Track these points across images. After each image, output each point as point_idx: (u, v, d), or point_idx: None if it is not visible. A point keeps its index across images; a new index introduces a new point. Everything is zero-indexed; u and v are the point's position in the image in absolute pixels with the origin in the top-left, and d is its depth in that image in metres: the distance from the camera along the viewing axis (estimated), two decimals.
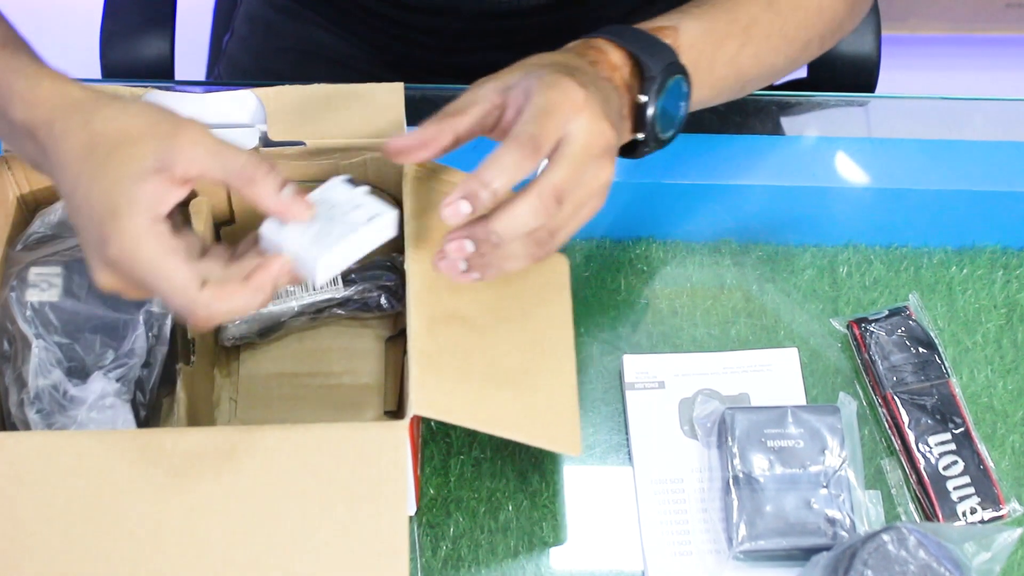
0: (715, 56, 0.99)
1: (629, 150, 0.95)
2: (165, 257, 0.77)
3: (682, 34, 0.96)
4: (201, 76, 1.56)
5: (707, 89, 1.00)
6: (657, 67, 0.91)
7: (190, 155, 0.78)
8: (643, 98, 0.91)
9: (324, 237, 0.81)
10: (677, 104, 0.94)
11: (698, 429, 1.00)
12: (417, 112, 0.92)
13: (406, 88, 0.96)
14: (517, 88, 0.84)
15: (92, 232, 0.78)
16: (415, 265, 0.90)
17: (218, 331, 1.02)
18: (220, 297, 0.79)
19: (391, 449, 0.82)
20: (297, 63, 1.37)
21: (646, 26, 0.96)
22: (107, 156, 0.78)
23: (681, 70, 0.93)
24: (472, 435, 1.01)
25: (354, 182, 0.85)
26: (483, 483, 1.00)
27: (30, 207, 0.98)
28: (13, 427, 0.90)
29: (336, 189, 0.84)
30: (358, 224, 0.83)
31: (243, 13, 1.43)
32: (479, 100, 0.85)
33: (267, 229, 0.82)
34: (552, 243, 0.85)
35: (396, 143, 0.84)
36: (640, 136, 0.93)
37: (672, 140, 0.95)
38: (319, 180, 0.87)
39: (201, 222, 0.96)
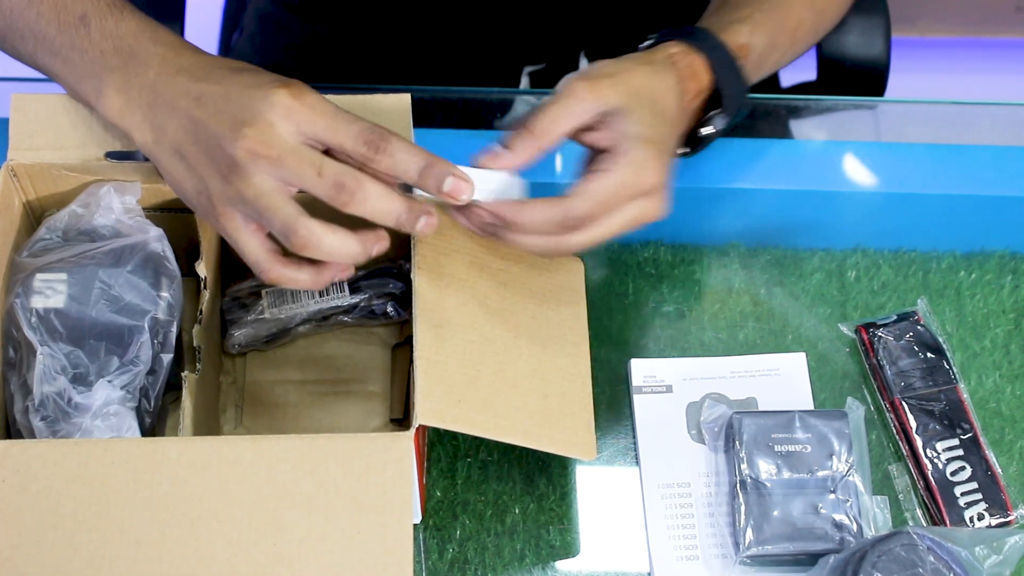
0: (765, 64, 1.05)
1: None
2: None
3: (752, 52, 1.01)
4: None
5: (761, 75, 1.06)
6: (733, 105, 0.99)
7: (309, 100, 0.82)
8: (708, 130, 0.99)
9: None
10: (740, 115, 1.02)
11: (705, 433, 1.00)
12: (425, 115, 0.92)
13: (413, 90, 0.96)
14: (609, 127, 0.88)
15: (263, 84, 0.83)
16: (422, 272, 0.90)
17: (224, 338, 1.02)
18: (332, 230, 0.81)
19: (396, 460, 0.82)
20: (306, 61, 1.37)
21: (731, 41, 1.00)
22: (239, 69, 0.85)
23: (747, 103, 1.01)
24: (479, 438, 1.01)
25: None
26: (490, 486, 1.00)
27: (36, 214, 0.98)
28: (18, 434, 0.90)
29: None
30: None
31: (252, 11, 1.43)
32: (568, 119, 0.87)
33: None
34: (566, 248, 0.88)
35: (486, 162, 0.87)
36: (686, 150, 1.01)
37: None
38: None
39: (206, 229, 0.96)
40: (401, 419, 1.02)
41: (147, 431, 0.92)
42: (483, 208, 0.86)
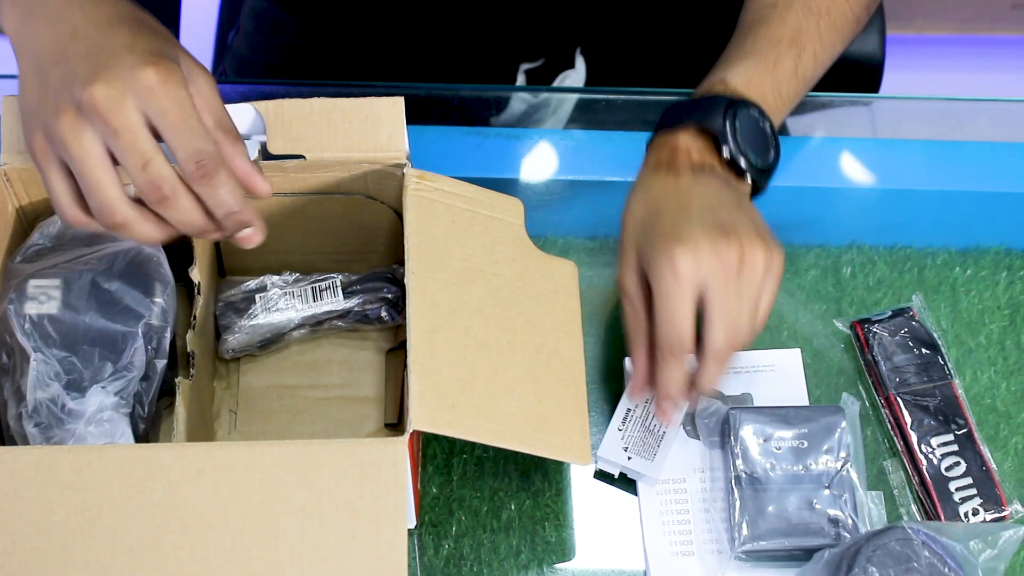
0: (777, 79, 1.02)
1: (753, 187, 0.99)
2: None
3: (731, 79, 0.99)
4: None
5: (786, 106, 1.04)
6: (717, 122, 0.96)
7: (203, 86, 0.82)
8: (725, 151, 0.97)
9: None
10: (758, 128, 0.98)
11: (701, 429, 1.00)
12: (421, 112, 0.92)
13: (409, 87, 0.96)
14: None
15: (127, 56, 0.79)
16: (415, 277, 0.90)
17: (218, 344, 1.02)
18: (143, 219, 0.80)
19: (390, 465, 0.82)
20: (302, 59, 1.37)
21: (699, 91, 1.00)
22: (149, 30, 0.83)
23: (738, 102, 0.97)
24: None
25: None
26: (485, 482, 1.00)
27: (29, 219, 0.98)
28: (12, 441, 0.90)
29: None
30: None
31: (248, 10, 1.43)
32: (640, 316, 0.93)
33: None
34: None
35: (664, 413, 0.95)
36: (748, 179, 0.98)
37: (777, 162, 1.00)
38: (318, 193, 0.87)
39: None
40: (395, 424, 1.02)
41: (141, 437, 0.92)
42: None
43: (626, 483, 0.99)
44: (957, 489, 0.98)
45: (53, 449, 0.85)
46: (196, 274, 0.94)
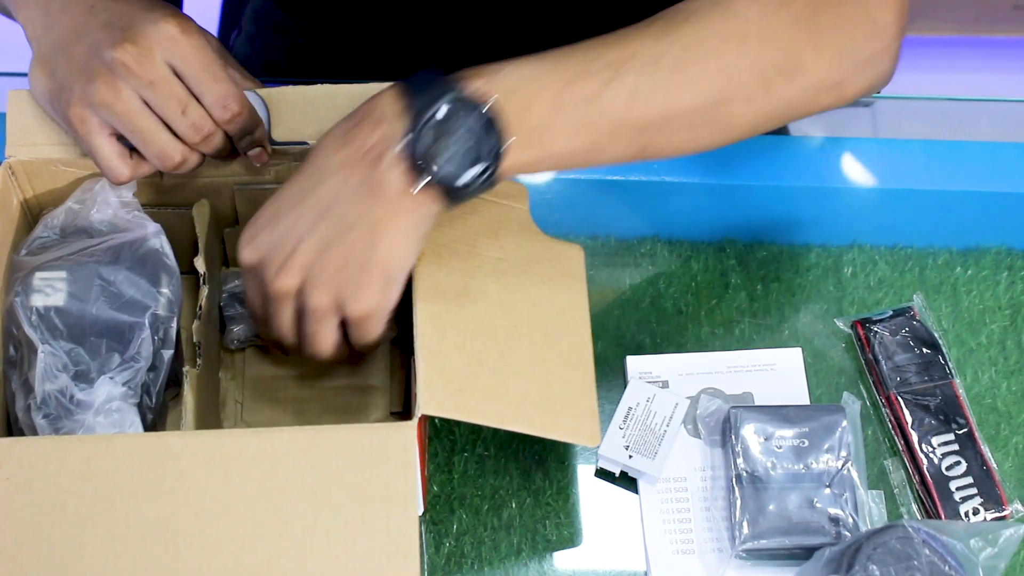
0: (562, 97, 0.84)
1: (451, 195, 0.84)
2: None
3: (501, 79, 0.85)
4: None
5: (566, 138, 0.85)
6: (418, 102, 0.84)
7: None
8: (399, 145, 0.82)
9: None
10: (469, 137, 0.82)
11: (701, 428, 1.00)
12: None
13: None
14: None
15: (141, 16, 0.86)
16: (421, 264, 0.90)
17: (223, 334, 1.02)
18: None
19: (400, 449, 0.82)
20: (305, 60, 1.37)
21: (456, 75, 0.86)
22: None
23: (460, 99, 0.83)
24: (476, 433, 1.01)
25: None
26: (487, 480, 1.00)
27: (34, 212, 0.98)
28: (20, 433, 0.90)
29: None
30: None
31: (250, 11, 1.43)
32: None
33: None
34: None
35: None
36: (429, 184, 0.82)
37: (477, 183, 0.83)
38: None
39: (203, 224, 0.97)
40: (401, 412, 1.02)
41: (149, 427, 0.92)
42: None
43: (627, 481, 1.00)
44: (958, 488, 0.98)
45: (63, 439, 0.85)
46: (201, 264, 0.94)
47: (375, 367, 1.04)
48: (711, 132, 0.89)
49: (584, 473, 1.01)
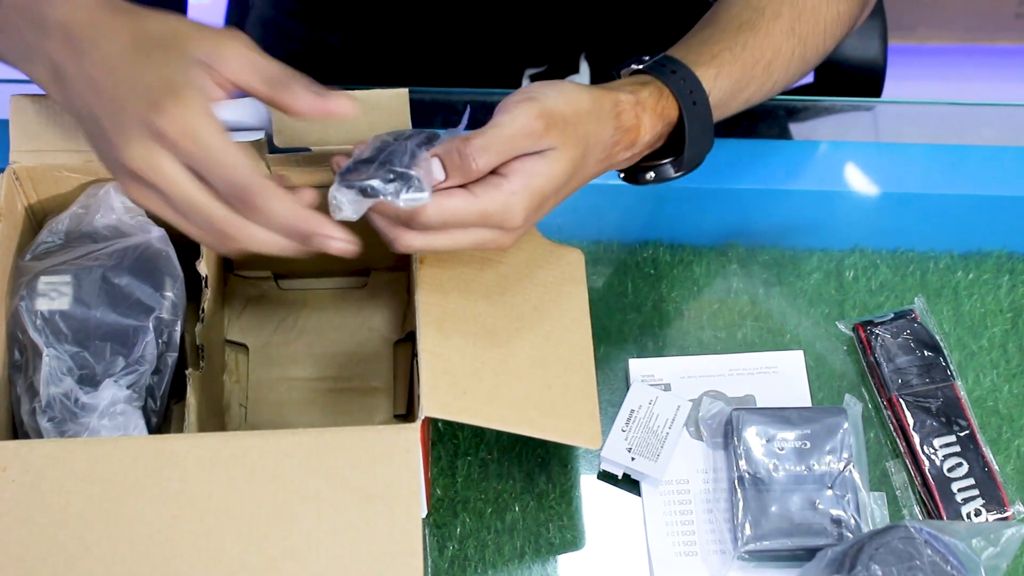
0: (732, 102, 0.99)
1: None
2: (226, 134, 0.78)
3: (715, 91, 0.96)
4: None
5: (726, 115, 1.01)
6: (693, 161, 0.96)
7: (234, 59, 0.79)
8: (650, 176, 0.97)
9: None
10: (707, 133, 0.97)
11: (704, 430, 1.00)
12: (419, 115, 0.93)
13: (411, 91, 0.97)
14: (520, 162, 0.84)
15: (140, 105, 0.77)
16: (423, 267, 0.90)
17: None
18: (281, 195, 0.78)
19: (403, 451, 0.83)
20: (308, 66, 1.37)
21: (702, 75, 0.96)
22: (156, 47, 0.79)
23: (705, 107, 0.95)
24: (479, 436, 1.02)
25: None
26: (490, 484, 1.00)
27: (38, 217, 0.98)
28: (25, 436, 0.90)
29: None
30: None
31: (254, 17, 1.44)
32: (511, 152, 0.84)
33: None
34: (402, 244, 0.85)
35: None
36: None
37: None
38: (324, 186, 0.87)
39: None
40: (404, 415, 1.02)
41: (153, 430, 0.92)
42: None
43: (630, 484, 1.00)
44: (959, 490, 0.98)
45: (69, 442, 0.86)
46: (203, 267, 0.94)
47: (378, 369, 1.04)
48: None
49: (587, 476, 1.01)
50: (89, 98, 0.81)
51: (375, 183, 0.81)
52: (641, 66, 0.96)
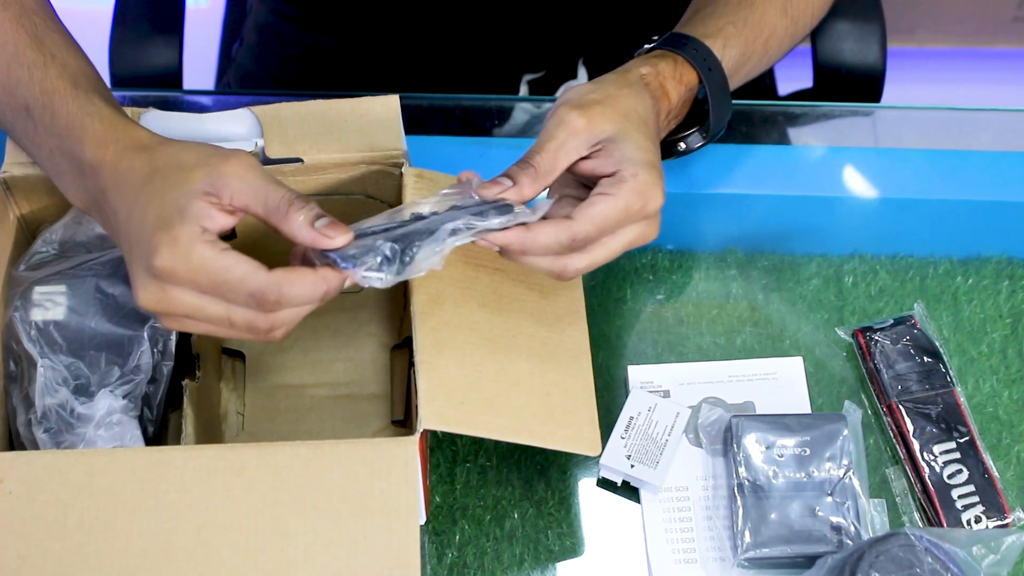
0: (737, 74, 1.04)
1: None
2: (222, 254, 0.79)
3: (725, 61, 1.01)
4: (210, 84, 1.57)
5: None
6: (717, 126, 1.01)
7: (235, 186, 0.80)
8: (682, 147, 1.03)
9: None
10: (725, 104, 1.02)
11: (703, 437, 1.00)
12: (417, 121, 0.93)
13: (404, 98, 0.97)
14: (609, 154, 0.88)
15: (142, 248, 0.79)
16: (419, 277, 0.90)
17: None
18: (290, 279, 0.79)
19: (402, 464, 0.83)
20: (305, 71, 1.37)
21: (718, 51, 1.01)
22: (163, 182, 0.81)
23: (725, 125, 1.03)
24: (478, 443, 1.01)
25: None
26: (489, 491, 1.00)
27: (31, 227, 0.98)
28: (21, 447, 0.90)
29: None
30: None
31: (252, 22, 1.44)
32: (569, 153, 0.88)
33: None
34: (571, 271, 0.87)
35: (493, 195, 0.86)
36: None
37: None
38: (318, 195, 0.87)
39: None
40: (402, 421, 1.02)
41: (150, 440, 0.92)
42: (493, 239, 0.85)
43: (629, 491, 1.00)
44: (959, 497, 0.98)
45: (66, 453, 0.85)
46: None
47: (375, 375, 1.04)
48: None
49: (586, 483, 1.01)
50: (115, 233, 0.84)
51: (477, 220, 0.84)
52: (650, 46, 1.01)
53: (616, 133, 0.88)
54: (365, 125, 0.95)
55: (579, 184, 0.91)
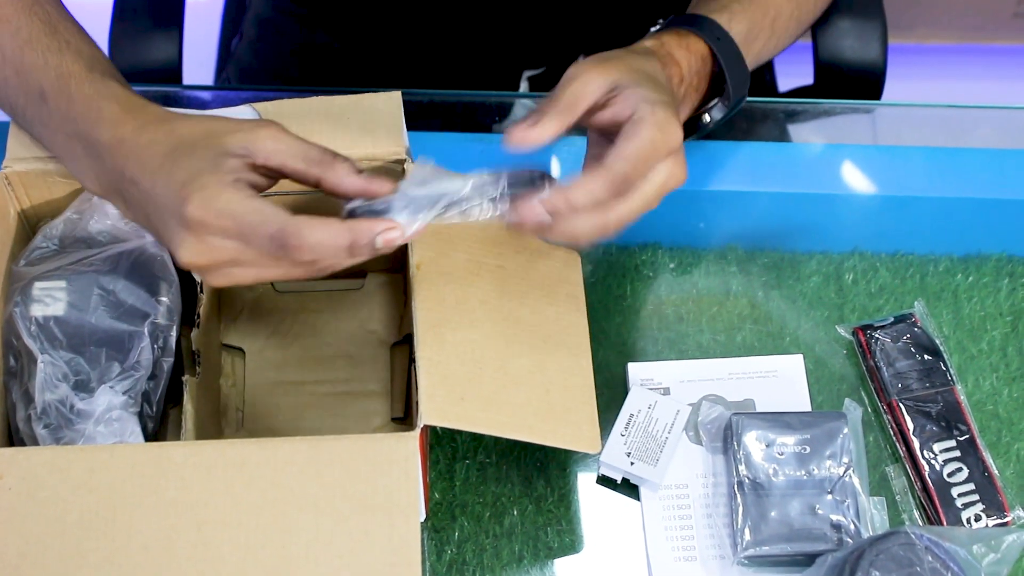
0: (748, 52, 1.04)
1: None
2: (248, 199, 0.79)
3: (732, 34, 1.02)
4: (210, 79, 1.57)
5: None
6: (737, 93, 1.02)
7: (271, 147, 0.81)
8: (706, 119, 1.04)
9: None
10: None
11: (703, 434, 1.00)
12: (424, 118, 0.92)
13: (406, 94, 0.96)
14: (625, 98, 0.88)
15: (172, 205, 0.80)
16: (420, 271, 0.90)
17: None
18: (312, 223, 0.79)
19: (402, 460, 0.83)
20: (305, 66, 1.37)
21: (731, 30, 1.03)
22: (191, 148, 0.82)
23: (745, 94, 1.04)
24: (477, 440, 1.01)
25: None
26: (488, 488, 1.00)
27: (31, 222, 0.98)
28: (21, 443, 0.90)
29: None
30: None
31: (251, 17, 1.43)
32: (587, 95, 0.88)
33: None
34: (614, 223, 0.87)
35: (519, 135, 0.86)
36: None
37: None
38: (320, 191, 0.87)
39: None
40: (402, 418, 1.02)
41: (150, 436, 0.92)
42: (532, 210, 0.84)
43: (629, 488, 1.00)
44: (960, 495, 0.98)
45: (66, 449, 0.85)
46: None
47: (375, 372, 1.04)
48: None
49: (586, 480, 1.01)
50: (141, 208, 0.84)
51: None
52: (655, 29, 1.02)
53: (629, 80, 0.89)
54: (367, 121, 0.95)
55: (603, 142, 0.91)
